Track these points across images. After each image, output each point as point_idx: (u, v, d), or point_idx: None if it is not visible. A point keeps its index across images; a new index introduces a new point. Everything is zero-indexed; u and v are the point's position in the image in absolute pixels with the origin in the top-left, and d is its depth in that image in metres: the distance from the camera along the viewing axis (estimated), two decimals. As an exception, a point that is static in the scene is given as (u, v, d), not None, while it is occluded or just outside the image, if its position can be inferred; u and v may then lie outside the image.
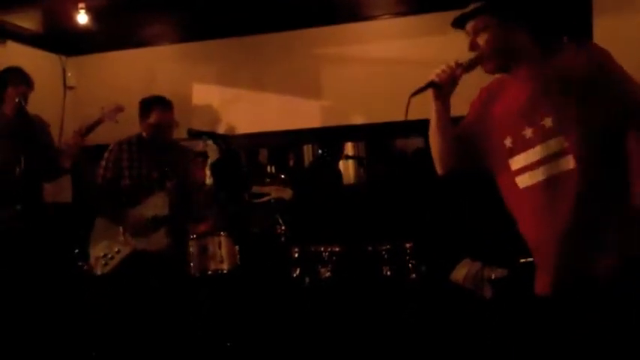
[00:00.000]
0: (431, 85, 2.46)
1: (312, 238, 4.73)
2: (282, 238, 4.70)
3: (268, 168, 6.12)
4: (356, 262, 4.55)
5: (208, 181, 5.57)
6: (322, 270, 4.53)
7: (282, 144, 6.08)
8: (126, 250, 4.31)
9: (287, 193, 4.70)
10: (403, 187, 5.31)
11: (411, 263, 4.46)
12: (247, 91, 5.92)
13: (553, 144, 2.27)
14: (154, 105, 4.51)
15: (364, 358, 4.14)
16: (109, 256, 4.31)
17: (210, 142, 5.28)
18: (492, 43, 2.40)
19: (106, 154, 4.56)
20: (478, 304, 4.22)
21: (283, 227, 4.70)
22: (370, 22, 5.67)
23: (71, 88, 6.21)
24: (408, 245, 4.49)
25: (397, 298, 4.38)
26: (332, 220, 5.14)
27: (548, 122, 2.28)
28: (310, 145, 6.10)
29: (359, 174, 5.95)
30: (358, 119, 5.75)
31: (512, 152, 2.38)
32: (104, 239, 4.36)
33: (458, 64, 2.45)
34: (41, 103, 4.91)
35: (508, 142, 2.39)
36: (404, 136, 5.71)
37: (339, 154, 5.95)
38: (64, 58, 6.20)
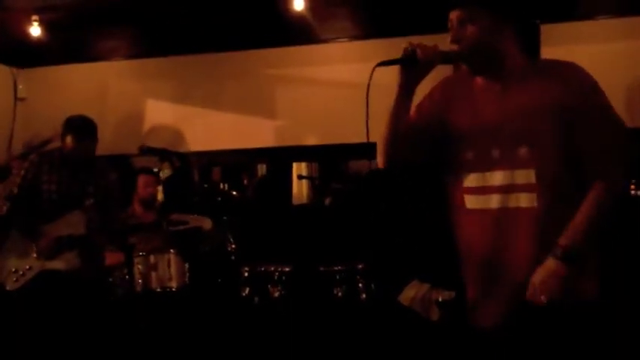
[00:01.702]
0: (409, 57, 2.12)
1: (262, 257, 4.72)
2: (232, 257, 4.67)
3: (221, 185, 6.09)
4: (307, 283, 4.54)
5: (160, 197, 5.53)
6: (272, 290, 4.51)
7: (236, 162, 6.07)
8: (37, 268, 4.19)
9: (206, 223, 4.68)
10: (355, 208, 5.34)
11: (362, 284, 4.47)
12: (202, 108, 5.91)
13: (519, 175, 2.08)
14: (70, 132, 4.27)
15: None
16: (20, 272, 4.17)
17: (162, 159, 5.24)
18: (478, 39, 2.13)
19: (26, 164, 4.40)
20: (425, 327, 4.24)
21: (233, 246, 4.68)
22: (325, 44, 5.72)
23: (22, 99, 6.11)
24: (359, 266, 4.51)
25: (348, 319, 4.38)
26: (283, 239, 5.13)
27: (522, 151, 2.08)
28: (264, 165, 6.10)
29: (311, 194, 5.97)
30: (311, 140, 5.78)
31: (471, 168, 2.18)
32: (16, 254, 4.24)
33: (437, 50, 2.15)
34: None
35: (469, 155, 2.18)
36: (357, 158, 5.75)
37: (291, 174, 5.96)
38: (15, 69, 6.11)
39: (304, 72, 5.81)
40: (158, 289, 4.38)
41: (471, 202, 2.19)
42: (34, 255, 4.21)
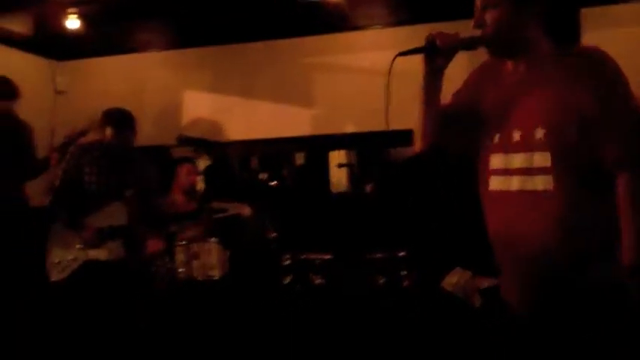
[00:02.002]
0: (429, 46, 2.17)
1: (303, 245, 4.71)
2: (273, 246, 4.68)
3: (260, 175, 6.10)
4: (348, 271, 4.53)
5: (200, 187, 5.54)
6: (314, 277, 4.51)
7: (274, 151, 6.07)
8: (81, 258, 4.24)
9: (245, 210, 4.68)
10: (395, 196, 5.30)
11: (404, 272, 4.44)
12: (239, 98, 5.92)
13: (537, 158, 2.06)
14: (110, 124, 4.39)
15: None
16: (64, 263, 4.24)
17: (200, 149, 5.27)
18: (500, 24, 2.11)
19: (67, 157, 4.47)
20: (468, 313, 4.21)
21: (274, 234, 4.68)
22: (361, 31, 5.69)
23: (61, 92, 6.18)
24: (401, 254, 4.48)
25: (390, 306, 4.36)
26: (323, 228, 5.12)
27: (539, 133, 2.06)
28: (302, 153, 6.09)
29: (351, 182, 5.94)
30: (349, 128, 5.76)
31: (496, 149, 2.18)
32: (60, 245, 4.30)
33: (458, 37, 2.16)
34: (31, 107, 4.88)
35: (496, 138, 2.19)
36: (394, 146, 5.71)
37: (329, 162, 5.94)
38: (54, 62, 6.17)
39: (340, 59, 5.79)
40: (200, 278, 4.40)
41: (494, 184, 2.19)
42: (78, 246, 4.26)
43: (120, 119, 4.42)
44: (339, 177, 5.92)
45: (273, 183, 5.30)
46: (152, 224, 4.57)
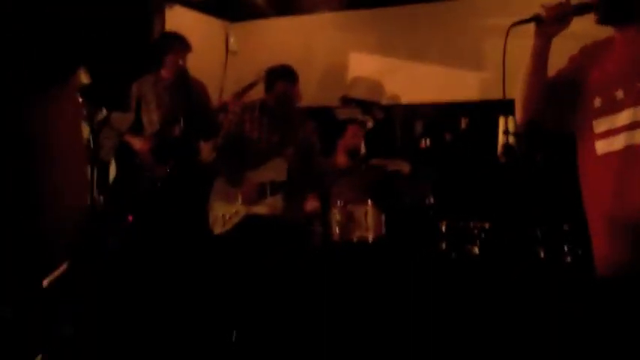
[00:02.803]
0: (534, 18, 2.30)
1: (462, 212, 4.56)
2: (431, 211, 4.56)
3: (423, 140, 5.97)
4: (507, 241, 4.33)
5: (363, 150, 5.52)
6: (471, 246, 4.35)
7: (439, 116, 5.91)
8: (243, 212, 4.35)
9: (405, 167, 4.56)
10: (564, 167, 4.99)
11: (568, 246, 4.18)
12: (404, 60, 5.81)
13: None
14: (279, 77, 4.48)
15: (512, 341, 3.94)
16: (227, 216, 4.37)
17: (364, 111, 5.23)
18: None
19: (229, 116, 4.60)
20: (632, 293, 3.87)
21: (432, 199, 4.56)
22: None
23: (233, 52, 6.36)
24: (565, 227, 4.22)
25: (550, 282, 4.13)
26: (484, 196, 4.93)
27: None
28: (467, 119, 5.88)
29: (518, 150, 5.67)
30: (520, 93, 5.47)
31: (599, 113, 2.19)
32: (222, 200, 4.42)
33: (569, 5, 2.24)
34: (204, 66, 5.07)
35: (597, 102, 2.20)
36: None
37: (498, 129, 5.69)
38: (227, 23, 6.37)
39: (511, 21, 5.49)
40: (354, 239, 4.39)
41: (601, 147, 2.18)
42: (240, 200, 4.38)
43: (288, 71, 4.52)
44: (505, 145, 5.66)
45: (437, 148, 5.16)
46: (311, 182, 4.62)
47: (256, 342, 4.12)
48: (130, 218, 4.51)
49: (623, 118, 2.10)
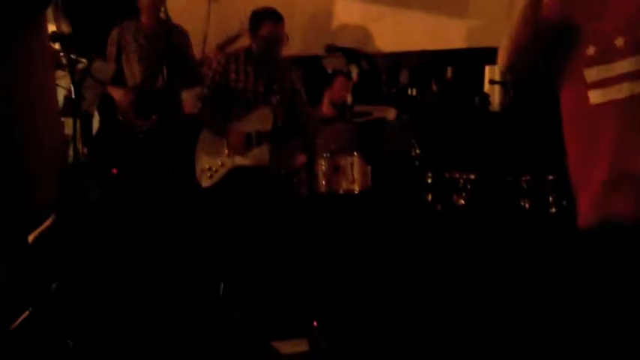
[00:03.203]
0: None
1: (447, 163, 4.56)
2: (416, 162, 4.55)
3: (409, 90, 5.93)
4: (492, 192, 4.34)
5: (350, 101, 5.47)
6: (456, 197, 4.36)
7: (425, 64, 5.86)
8: (229, 164, 4.33)
9: (390, 113, 4.53)
10: (550, 117, 4.98)
11: (552, 197, 4.20)
12: (390, 7, 5.72)
13: None
14: (265, 18, 4.42)
15: (497, 294, 3.99)
16: (214, 169, 4.36)
17: (349, 60, 5.16)
18: None
19: (213, 64, 4.53)
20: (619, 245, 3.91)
21: (417, 150, 4.55)
22: None
23: (216, 0, 6.23)
24: (550, 177, 4.23)
25: (534, 232, 4.16)
26: (470, 146, 4.92)
27: None
28: (453, 67, 5.84)
29: (503, 100, 5.64)
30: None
31: (592, 62, 2.11)
32: (209, 152, 4.39)
33: None
34: (185, 14, 4.96)
35: (591, 50, 2.11)
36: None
37: (484, 78, 5.66)
38: (208, -31, 6.22)
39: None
40: (341, 192, 4.38)
41: (596, 96, 2.11)
42: (226, 152, 4.36)
43: (272, 11, 4.46)
44: (491, 94, 5.64)
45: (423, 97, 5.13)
46: (297, 132, 4.59)
47: (244, 295, 4.14)
48: (114, 171, 4.47)
49: (624, 66, 2.05)
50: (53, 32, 4.11)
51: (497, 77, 5.64)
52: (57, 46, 3.85)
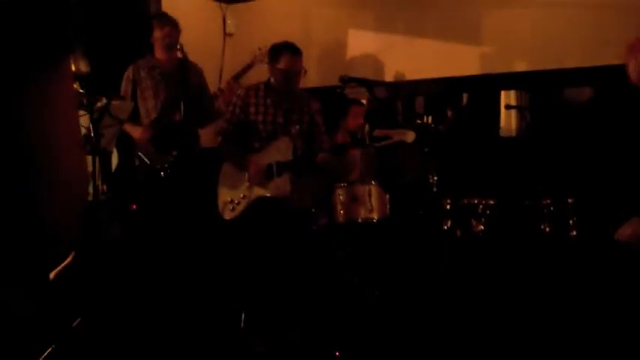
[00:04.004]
0: None
1: (466, 190, 4.54)
2: (434, 189, 4.55)
3: (425, 118, 5.94)
4: (512, 217, 4.32)
5: (366, 129, 5.49)
6: (475, 223, 4.34)
7: (440, 92, 5.87)
8: (250, 196, 4.35)
9: (409, 136, 4.51)
10: (567, 141, 4.96)
11: (572, 220, 4.16)
12: (404, 36, 5.76)
13: None
14: (284, 51, 4.47)
15: (519, 315, 3.95)
16: (236, 201, 4.39)
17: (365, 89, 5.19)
18: None
19: (234, 99, 4.60)
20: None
21: (435, 177, 4.54)
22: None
23: (230, 35, 6.33)
24: (569, 201, 4.20)
25: (556, 256, 4.12)
26: (488, 172, 4.92)
27: None
28: (469, 94, 5.84)
29: (520, 125, 5.64)
30: (521, 66, 5.42)
31: None
32: (230, 185, 4.42)
33: None
34: (201, 49, 5.03)
35: None
36: (572, 85, 5.33)
37: (499, 104, 5.66)
38: (224, 5, 6.32)
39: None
40: (359, 220, 4.38)
41: None
42: (247, 184, 4.38)
43: (290, 45, 4.52)
44: (508, 119, 5.63)
45: (439, 127, 5.12)
46: (315, 162, 4.61)
47: (265, 325, 4.13)
48: (134, 207, 4.50)
49: None
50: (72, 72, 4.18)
51: (512, 102, 5.65)
52: (76, 85, 3.92)
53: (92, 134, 3.87)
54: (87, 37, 4.84)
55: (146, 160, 4.57)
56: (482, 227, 4.31)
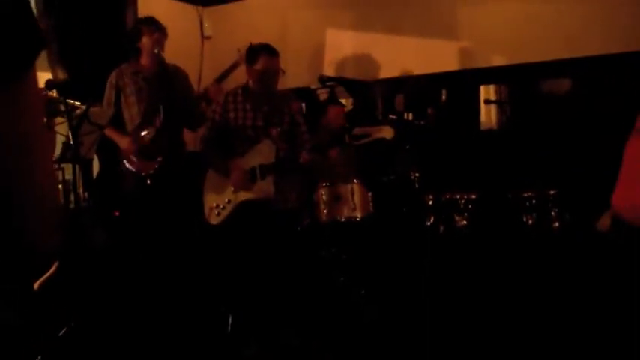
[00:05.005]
0: None
1: (447, 185, 4.57)
2: (416, 185, 4.57)
3: (405, 115, 5.95)
4: (494, 211, 4.35)
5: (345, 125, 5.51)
6: (458, 218, 4.37)
7: (419, 88, 5.89)
8: (235, 200, 4.35)
9: (388, 133, 4.52)
10: (547, 133, 5.00)
11: (554, 212, 4.20)
12: (382, 35, 5.77)
13: None
14: (261, 52, 4.45)
15: (505, 310, 3.97)
16: (221, 206, 4.38)
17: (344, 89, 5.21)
18: None
19: (213, 106, 4.59)
20: (625, 255, 3.90)
21: (417, 174, 4.56)
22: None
23: (208, 38, 6.31)
24: (551, 193, 4.24)
25: (539, 248, 4.15)
26: (469, 166, 4.94)
27: None
28: (448, 89, 5.87)
29: (501, 119, 5.67)
30: (499, 60, 5.46)
31: None
32: (215, 190, 4.42)
33: None
34: (179, 53, 5.01)
35: None
36: (550, 78, 5.36)
37: (479, 98, 5.69)
38: (200, 8, 6.30)
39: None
40: (343, 220, 4.39)
41: None
42: (232, 189, 4.37)
43: (267, 46, 4.49)
44: (488, 113, 5.67)
45: (420, 123, 5.13)
46: (298, 163, 4.60)
47: (253, 327, 4.13)
48: (117, 213, 4.48)
49: None
50: (50, 80, 4.15)
51: (492, 96, 5.68)
52: (54, 93, 3.88)
53: (71, 142, 3.83)
54: (64, 44, 4.81)
55: (132, 168, 4.54)
56: (464, 222, 4.34)
